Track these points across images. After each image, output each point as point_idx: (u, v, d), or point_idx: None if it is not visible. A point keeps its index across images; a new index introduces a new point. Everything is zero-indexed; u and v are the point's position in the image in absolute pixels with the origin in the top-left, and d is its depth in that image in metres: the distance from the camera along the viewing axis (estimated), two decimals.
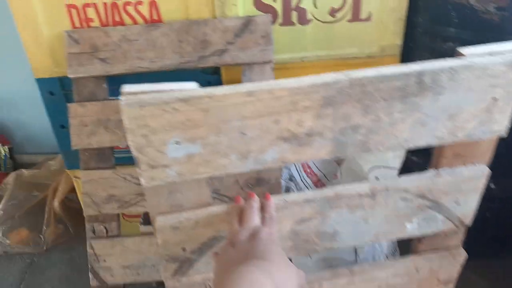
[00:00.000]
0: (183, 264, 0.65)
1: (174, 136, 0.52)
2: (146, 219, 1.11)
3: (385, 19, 0.99)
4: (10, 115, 1.50)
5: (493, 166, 1.14)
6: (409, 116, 0.56)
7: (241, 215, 0.57)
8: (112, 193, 1.01)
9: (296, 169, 1.05)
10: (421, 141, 0.59)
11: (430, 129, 0.58)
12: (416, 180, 0.64)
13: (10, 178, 1.35)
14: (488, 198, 1.21)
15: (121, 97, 0.49)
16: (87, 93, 0.95)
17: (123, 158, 1.14)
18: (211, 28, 0.93)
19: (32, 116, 1.50)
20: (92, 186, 1.00)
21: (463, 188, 0.66)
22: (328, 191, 0.63)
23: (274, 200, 0.61)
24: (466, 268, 1.36)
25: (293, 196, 0.63)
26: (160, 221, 0.60)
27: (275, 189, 0.92)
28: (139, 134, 0.51)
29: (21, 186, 1.36)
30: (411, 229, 0.69)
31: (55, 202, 1.33)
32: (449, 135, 0.59)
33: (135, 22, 0.95)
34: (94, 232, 1.05)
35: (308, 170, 1.02)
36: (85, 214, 1.02)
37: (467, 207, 0.69)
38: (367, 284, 0.75)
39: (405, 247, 0.93)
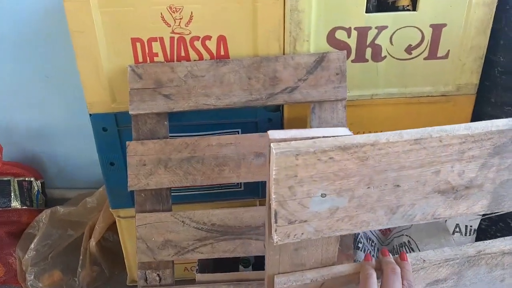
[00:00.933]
0: None
1: (322, 187, 0.44)
2: (203, 267, 1.02)
3: (464, 57, 0.95)
4: (44, 148, 1.42)
5: None
6: None
7: (382, 278, 0.48)
8: (168, 238, 0.92)
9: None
10: None
11: None
12: None
13: (44, 215, 1.25)
14: None
15: (272, 145, 0.42)
16: (147, 130, 0.88)
17: (180, 197, 1.07)
18: (282, 64, 0.88)
19: (66, 150, 1.43)
20: (148, 231, 0.91)
21: None
22: (469, 250, 0.55)
23: (412, 260, 0.53)
24: None
25: (431, 254, 0.54)
26: (280, 283, 0.51)
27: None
28: (286, 186, 0.43)
29: (55, 224, 1.25)
30: None
31: (92, 242, 1.23)
32: None
33: (201, 58, 0.90)
34: (146, 280, 0.95)
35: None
36: (138, 261, 0.93)
37: None
38: None
39: None
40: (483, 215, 0.91)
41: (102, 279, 1.27)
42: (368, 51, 0.93)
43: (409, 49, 0.93)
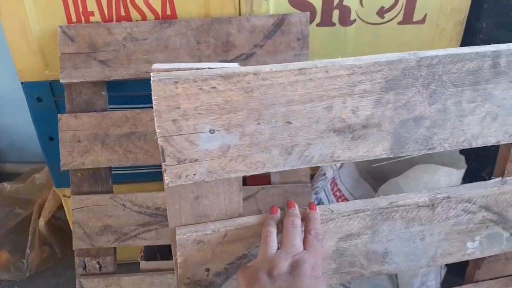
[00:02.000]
0: None
1: (209, 122, 0.43)
2: (148, 254, 0.98)
3: (442, 21, 0.86)
4: None
5: None
6: (479, 107, 0.48)
7: (282, 233, 0.46)
8: (108, 223, 0.87)
9: (325, 191, 0.95)
10: (492, 138, 0.51)
11: (501, 124, 0.50)
12: (481, 189, 0.55)
13: None
14: None
15: (152, 74, 0.41)
16: (83, 102, 0.82)
17: (122, 175, 1.02)
18: (236, 27, 0.80)
19: (18, 121, 1.34)
20: (84, 215, 0.86)
21: None
22: (381, 201, 0.53)
23: (323, 211, 0.51)
24: None
25: (341, 206, 0.52)
26: (181, 233, 0.49)
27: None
28: (169, 119, 0.42)
29: (2, 202, 1.19)
30: (472, 249, 0.59)
31: (41, 222, 1.17)
32: None
33: (144, 19, 0.82)
34: (85, 268, 0.91)
35: (338, 194, 0.92)
36: (74, 247, 0.88)
37: None
38: None
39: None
40: None
41: (53, 260, 1.21)
42: (335, 14, 0.85)
43: (381, 12, 0.86)
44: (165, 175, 0.44)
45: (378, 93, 0.45)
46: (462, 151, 0.85)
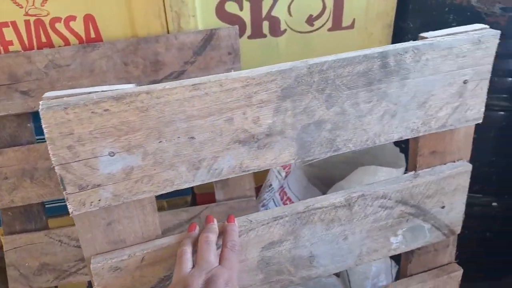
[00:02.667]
0: None
1: (107, 145, 0.42)
2: None
3: (371, 26, 0.90)
4: None
5: (495, 184, 1.12)
6: (376, 106, 0.51)
7: (197, 250, 0.46)
8: (45, 261, 0.83)
9: (274, 201, 0.96)
10: (394, 134, 0.53)
11: (401, 120, 0.53)
12: (394, 184, 0.57)
13: None
14: (488, 217, 1.17)
15: (41, 102, 0.40)
16: (7, 136, 0.80)
17: (58, 208, 0.97)
18: (164, 46, 0.79)
19: None
20: (19, 255, 0.82)
21: (446, 189, 0.60)
22: (298, 205, 0.54)
23: (241, 222, 0.51)
24: None
25: (259, 215, 0.53)
26: (96, 262, 0.47)
27: None
28: (63, 146, 0.41)
29: None
30: (396, 243, 0.61)
31: None
32: (423, 125, 0.54)
33: (67, 44, 0.81)
34: None
35: (288, 202, 0.93)
36: None
37: (454, 211, 0.62)
38: None
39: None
40: None
41: None
42: (265, 25, 0.86)
43: (310, 20, 0.88)
44: (68, 204, 0.43)
45: (276, 102, 0.46)
46: None
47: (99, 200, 0.44)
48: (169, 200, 1.03)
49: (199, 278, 0.42)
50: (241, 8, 0.84)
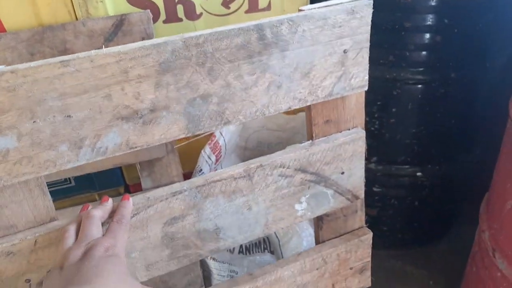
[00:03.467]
0: None
1: None
2: None
3: (288, 7, 0.92)
4: None
5: (418, 154, 1.18)
6: (260, 78, 0.53)
7: (80, 227, 0.47)
8: None
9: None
10: (283, 105, 0.55)
11: (287, 91, 0.55)
12: (291, 153, 0.60)
13: None
14: (415, 186, 1.23)
15: None
16: None
17: None
18: (72, 33, 0.78)
19: None
20: None
21: (343, 155, 0.63)
22: (197, 180, 0.56)
23: (134, 200, 0.52)
24: (401, 259, 1.35)
25: (157, 191, 0.54)
26: None
27: None
28: None
29: None
30: (302, 210, 0.63)
31: None
32: (310, 95, 0.56)
33: None
34: None
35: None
36: None
37: (354, 177, 0.65)
38: None
39: None
40: None
41: None
42: (180, 8, 0.87)
43: (226, 3, 0.89)
44: None
45: (155, 76, 0.47)
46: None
47: None
48: (101, 193, 1.02)
49: (77, 250, 0.42)
50: None
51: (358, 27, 0.55)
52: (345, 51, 0.56)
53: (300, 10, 0.53)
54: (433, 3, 0.99)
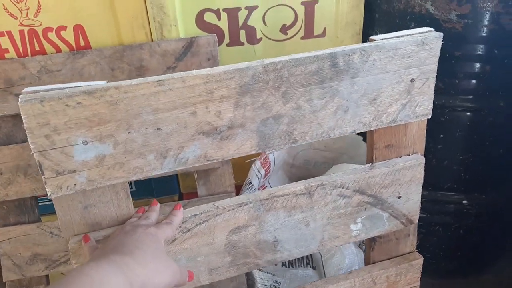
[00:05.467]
0: None
1: (81, 134, 0.48)
2: None
3: (341, 34, 0.98)
4: None
5: (464, 182, 1.17)
6: (329, 102, 0.56)
7: None
8: (37, 251, 0.89)
9: None
10: (348, 128, 0.58)
11: (353, 115, 0.58)
12: (351, 175, 0.62)
13: None
14: (461, 214, 1.22)
15: (20, 96, 0.45)
16: (3, 135, 0.86)
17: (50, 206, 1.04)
18: (148, 52, 0.86)
19: None
20: (12, 246, 0.88)
21: (402, 180, 0.65)
22: (261, 193, 0.59)
23: (205, 208, 0.57)
24: (443, 286, 1.32)
25: (225, 201, 0.58)
26: (73, 242, 0.52)
27: None
28: (41, 135, 0.46)
29: None
30: (356, 230, 0.65)
31: None
32: (375, 120, 0.59)
33: (58, 51, 0.88)
34: None
35: None
36: (5, 279, 0.89)
37: (410, 201, 0.67)
38: None
39: None
40: None
41: None
42: (242, 33, 0.93)
43: (284, 29, 0.95)
44: (46, 187, 0.49)
45: (236, 97, 0.52)
46: None
47: (75, 184, 0.49)
48: (158, 199, 1.09)
49: (129, 226, 0.49)
50: (219, 18, 0.91)
51: (426, 58, 0.57)
52: (412, 80, 0.58)
53: (370, 40, 0.57)
54: (483, 34, 1.00)
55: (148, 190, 1.06)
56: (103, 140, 0.49)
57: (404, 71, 0.57)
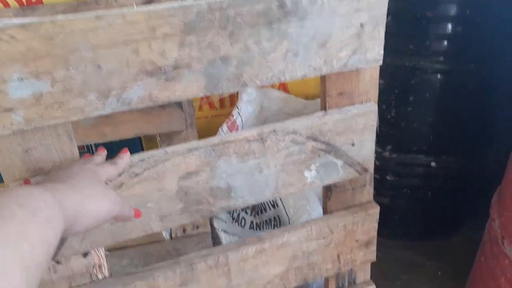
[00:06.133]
0: None
1: (15, 70, 0.46)
2: None
3: None
4: None
5: (434, 143, 1.19)
6: (278, 45, 0.55)
7: None
8: None
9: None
10: (298, 72, 0.58)
11: (303, 59, 0.57)
12: (304, 121, 0.62)
13: None
14: (429, 177, 1.24)
15: None
16: None
17: None
18: (104, 7, 0.84)
19: None
20: None
21: (354, 127, 0.65)
22: (213, 139, 0.59)
23: (154, 153, 0.56)
24: (412, 249, 1.36)
25: (175, 147, 0.57)
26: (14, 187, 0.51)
27: None
28: None
29: None
30: (311, 178, 0.66)
31: None
32: (325, 65, 0.59)
33: (7, 6, 0.85)
34: None
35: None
36: None
37: (364, 149, 0.67)
38: (280, 252, 0.69)
39: None
40: None
41: None
42: None
43: None
44: None
45: (180, 36, 0.51)
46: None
47: (12, 124, 0.48)
48: None
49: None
50: None
51: (376, 2, 0.57)
52: (362, 25, 0.58)
53: None
54: None
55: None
56: (40, 77, 0.47)
57: (354, 15, 0.57)
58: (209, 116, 1.11)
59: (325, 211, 0.74)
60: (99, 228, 0.56)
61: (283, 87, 1.00)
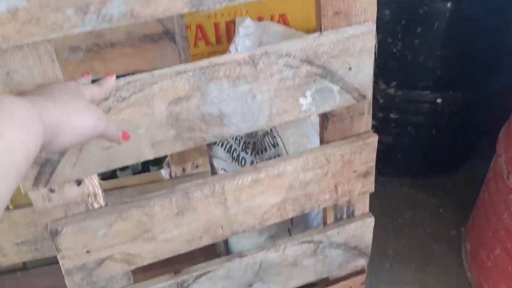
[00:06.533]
0: (44, 168, 0.55)
1: None
2: None
3: None
4: None
5: (441, 78, 1.14)
6: None
7: None
8: None
9: None
10: None
11: None
12: (298, 43, 0.59)
13: None
14: (434, 114, 1.21)
15: None
16: None
17: None
18: None
19: None
20: None
21: (352, 50, 0.62)
22: (201, 61, 0.56)
23: (140, 76, 0.54)
24: (414, 187, 1.37)
25: (162, 70, 0.55)
26: None
27: None
28: None
29: None
30: (306, 105, 0.64)
31: None
32: None
33: None
34: None
35: None
36: None
37: (362, 74, 0.64)
38: (276, 182, 0.69)
39: None
40: None
41: None
42: None
43: None
44: None
45: None
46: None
47: None
48: None
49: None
50: None
51: None
52: None
53: None
54: None
55: None
56: None
57: None
58: (205, 53, 1.07)
59: (322, 141, 0.72)
60: (90, 154, 0.56)
61: (283, 20, 0.96)
